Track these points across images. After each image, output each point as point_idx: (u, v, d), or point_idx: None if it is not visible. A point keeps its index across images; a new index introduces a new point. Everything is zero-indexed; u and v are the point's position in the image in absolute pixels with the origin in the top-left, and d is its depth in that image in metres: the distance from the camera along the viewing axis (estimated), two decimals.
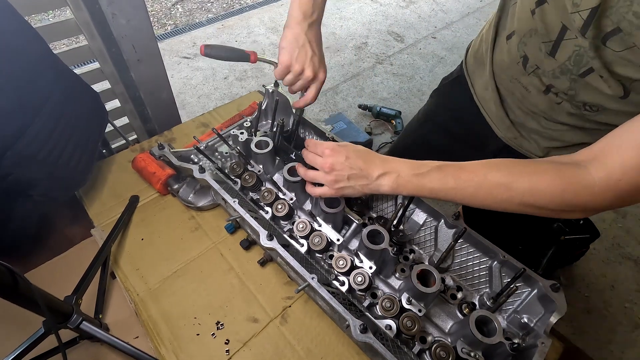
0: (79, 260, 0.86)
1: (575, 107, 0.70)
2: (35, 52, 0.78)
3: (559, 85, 0.68)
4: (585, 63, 0.61)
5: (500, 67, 0.80)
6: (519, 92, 0.78)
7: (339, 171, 0.71)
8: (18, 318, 0.78)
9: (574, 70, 0.63)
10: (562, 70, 0.66)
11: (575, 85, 0.65)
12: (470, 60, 0.96)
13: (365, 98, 2.77)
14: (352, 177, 0.71)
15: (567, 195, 0.57)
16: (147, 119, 1.36)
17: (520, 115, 0.82)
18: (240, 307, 0.81)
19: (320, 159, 0.74)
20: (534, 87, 0.74)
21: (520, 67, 0.74)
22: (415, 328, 0.66)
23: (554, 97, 0.71)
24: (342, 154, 0.71)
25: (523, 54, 0.72)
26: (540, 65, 0.69)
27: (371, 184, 0.71)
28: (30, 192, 0.83)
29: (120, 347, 0.73)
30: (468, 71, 0.96)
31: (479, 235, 0.76)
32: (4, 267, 0.55)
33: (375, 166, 0.71)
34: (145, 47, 1.15)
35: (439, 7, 3.78)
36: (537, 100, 0.75)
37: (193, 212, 0.97)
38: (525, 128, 0.84)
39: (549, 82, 0.70)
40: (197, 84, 2.74)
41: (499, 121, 0.88)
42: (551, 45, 0.64)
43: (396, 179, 0.69)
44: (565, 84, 0.67)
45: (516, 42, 0.72)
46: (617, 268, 1.96)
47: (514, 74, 0.76)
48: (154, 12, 3.47)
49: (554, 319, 0.66)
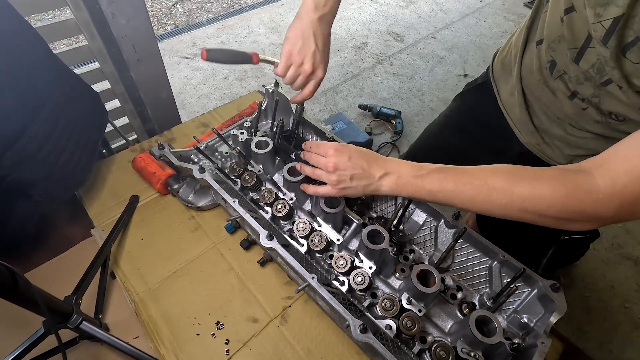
0: (79, 260, 0.86)
1: (601, 115, 0.69)
2: (35, 52, 0.78)
3: (583, 92, 0.68)
4: (606, 73, 0.60)
5: (529, 70, 0.80)
6: (546, 96, 0.77)
7: (342, 171, 0.71)
8: (18, 318, 0.78)
9: (597, 78, 0.63)
10: (586, 77, 0.65)
11: (599, 93, 0.65)
12: (497, 67, 0.96)
13: (365, 98, 2.77)
14: (355, 177, 0.71)
15: (570, 201, 0.55)
16: (147, 119, 1.36)
17: (545, 120, 0.82)
18: (240, 307, 0.81)
19: (324, 159, 0.74)
20: (561, 92, 0.73)
21: (547, 72, 0.74)
22: (415, 328, 0.66)
23: (580, 102, 0.70)
24: (346, 154, 0.72)
25: (551, 59, 0.72)
26: (566, 70, 0.69)
27: (372, 185, 0.72)
28: (30, 192, 0.83)
29: (120, 347, 0.73)
30: (494, 77, 0.96)
31: (479, 235, 0.76)
32: (4, 267, 0.55)
33: (377, 167, 0.71)
34: (145, 47, 1.15)
35: (439, 7, 3.78)
36: (564, 105, 0.74)
37: (193, 212, 0.97)
38: (549, 134, 0.83)
39: (574, 88, 0.69)
40: (197, 84, 2.74)
41: (523, 126, 0.88)
42: (576, 52, 0.64)
43: (396, 180, 0.70)
44: (590, 90, 0.66)
45: (545, 48, 0.72)
46: (617, 268, 1.96)
47: (542, 78, 0.76)
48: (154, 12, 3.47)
49: (554, 318, 0.66)
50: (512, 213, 0.61)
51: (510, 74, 0.88)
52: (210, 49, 0.78)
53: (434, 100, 2.77)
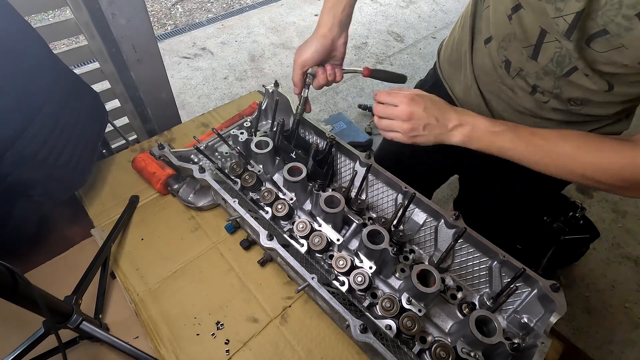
0: (78, 260, 0.86)
1: (561, 103, 0.71)
2: (35, 52, 0.78)
3: (543, 85, 0.70)
4: (567, 63, 0.63)
5: (483, 70, 0.81)
6: (505, 94, 0.79)
7: (417, 120, 0.72)
8: (18, 318, 0.78)
9: (557, 71, 0.65)
10: (545, 71, 0.67)
11: (560, 84, 0.67)
12: (444, 66, 0.96)
13: (366, 98, 2.77)
14: (428, 126, 0.73)
15: (625, 173, 0.61)
16: (147, 119, 1.36)
17: (507, 116, 0.83)
18: (240, 307, 0.81)
19: (398, 108, 0.74)
20: (520, 88, 0.75)
21: (503, 71, 0.75)
22: (415, 328, 0.66)
23: (541, 96, 0.72)
24: (421, 104, 0.73)
25: (504, 59, 0.73)
26: (523, 67, 0.71)
27: (444, 134, 0.73)
28: (30, 192, 0.83)
29: (120, 347, 0.73)
30: (444, 76, 0.96)
31: (479, 235, 0.76)
32: (4, 267, 0.55)
33: (451, 116, 0.73)
34: (145, 47, 1.15)
35: (438, 7, 3.78)
36: (524, 100, 0.76)
37: (193, 212, 0.97)
38: None
39: (534, 83, 0.71)
40: (197, 84, 2.74)
41: None
42: (532, 49, 0.66)
43: (470, 132, 0.72)
44: (550, 83, 0.68)
45: (495, 47, 0.73)
46: (617, 268, 1.96)
47: (498, 77, 0.77)
48: (153, 12, 3.47)
49: (554, 319, 0.66)
50: (573, 178, 0.68)
51: (461, 72, 0.88)
52: (371, 69, 0.90)
53: None
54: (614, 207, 2.23)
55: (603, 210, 2.21)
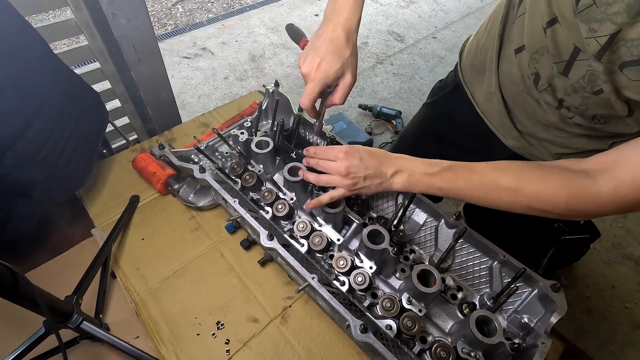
0: (79, 260, 0.86)
1: (586, 120, 0.70)
2: (35, 52, 0.78)
3: (570, 101, 0.68)
4: (597, 84, 0.61)
5: (510, 79, 0.78)
6: (530, 106, 0.77)
7: (355, 173, 0.72)
8: (18, 318, 0.78)
9: (588, 88, 0.63)
10: (574, 88, 0.65)
11: (588, 102, 0.65)
12: (466, 70, 0.94)
13: (366, 98, 2.77)
14: (368, 177, 0.73)
15: (573, 203, 0.60)
16: (147, 119, 1.36)
17: (529, 126, 0.81)
18: (241, 307, 0.81)
19: (335, 163, 0.74)
20: (546, 102, 0.73)
21: (531, 83, 0.73)
22: (416, 328, 0.66)
23: (566, 112, 0.71)
24: (356, 156, 0.73)
25: (535, 71, 0.71)
26: (552, 82, 0.69)
27: (385, 183, 0.73)
28: (30, 192, 0.83)
29: (120, 347, 0.73)
30: (465, 81, 0.94)
31: (480, 235, 0.76)
32: (5, 267, 0.55)
33: (388, 165, 0.73)
34: (145, 47, 1.15)
35: (439, 7, 3.78)
36: (548, 114, 0.74)
37: (193, 212, 0.97)
38: (536, 137, 0.83)
39: (561, 97, 0.69)
40: (197, 84, 2.74)
41: (506, 131, 0.87)
42: (564, 65, 0.64)
43: (408, 178, 0.72)
44: (577, 100, 0.66)
45: (527, 59, 0.71)
46: (618, 268, 1.96)
47: (525, 88, 0.75)
48: (154, 12, 3.47)
49: (555, 319, 0.66)
50: (519, 209, 0.66)
51: (484, 78, 0.86)
52: None
53: None
54: None
55: None
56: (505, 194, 0.65)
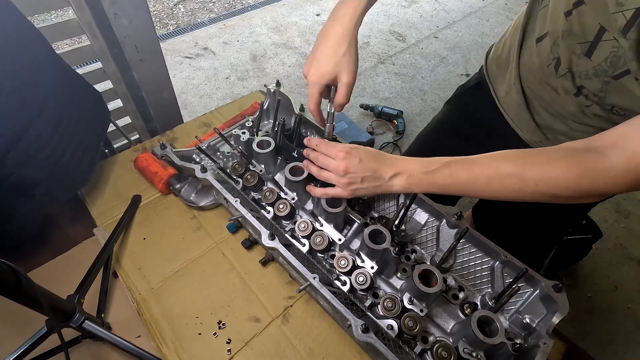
0: (81, 259, 0.87)
1: (604, 110, 0.68)
2: (37, 52, 0.78)
3: (590, 87, 0.67)
4: (622, 64, 0.60)
5: (529, 69, 0.78)
6: (548, 94, 0.76)
7: (353, 174, 0.72)
8: (21, 317, 0.78)
9: (609, 71, 0.62)
10: (596, 72, 0.64)
11: (607, 88, 0.64)
12: (491, 66, 0.94)
13: (367, 98, 2.77)
14: (366, 179, 0.72)
15: (583, 182, 0.57)
16: (149, 118, 1.36)
17: (547, 117, 0.81)
18: (242, 307, 0.81)
19: (334, 162, 0.74)
20: (564, 89, 0.72)
21: (551, 70, 0.73)
22: (417, 328, 0.66)
23: (584, 99, 0.70)
24: (356, 157, 0.72)
25: (556, 56, 0.70)
26: (573, 67, 0.68)
27: (383, 185, 0.72)
28: (32, 192, 0.83)
29: (122, 346, 0.73)
30: (489, 77, 0.95)
31: (481, 236, 0.76)
32: (7, 267, 0.56)
33: (387, 167, 0.72)
34: (147, 47, 1.15)
35: (440, 7, 3.77)
36: (566, 103, 0.74)
37: (195, 212, 0.98)
38: (552, 130, 0.82)
39: (580, 83, 0.68)
40: (199, 83, 2.75)
41: (524, 124, 0.87)
42: (588, 46, 0.63)
43: (407, 179, 0.71)
44: (597, 85, 0.65)
45: (549, 44, 0.71)
46: (620, 268, 1.96)
47: (544, 76, 0.75)
48: (156, 12, 3.48)
49: (557, 319, 0.65)
50: (526, 197, 0.63)
51: (507, 72, 0.86)
52: None
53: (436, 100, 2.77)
54: (617, 207, 2.22)
55: (606, 211, 2.20)
56: (509, 182, 0.63)
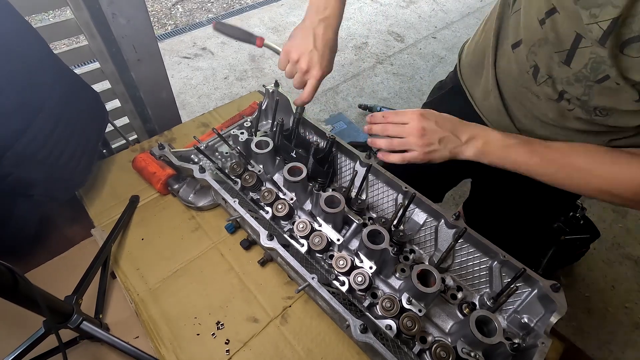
0: (79, 260, 0.86)
1: (586, 113, 0.69)
2: (35, 52, 0.78)
3: (572, 92, 0.67)
4: (602, 71, 0.60)
5: (508, 75, 0.78)
6: (529, 100, 0.77)
7: (431, 134, 0.72)
8: (18, 318, 0.78)
9: (591, 77, 0.62)
10: (577, 78, 0.65)
11: (590, 91, 0.65)
12: (465, 70, 0.94)
13: (366, 98, 2.77)
14: (443, 140, 0.72)
15: None
16: (147, 119, 1.36)
17: (527, 123, 0.81)
18: (241, 307, 0.81)
19: (409, 125, 0.74)
20: (545, 95, 0.72)
21: (530, 77, 0.73)
22: (416, 328, 0.66)
23: (566, 104, 0.70)
24: (432, 119, 0.73)
25: (533, 64, 0.70)
26: (552, 74, 0.68)
27: (458, 147, 0.73)
28: (30, 192, 0.83)
29: (120, 347, 0.73)
30: (464, 81, 0.95)
31: (479, 235, 0.76)
32: (5, 267, 0.55)
33: (464, 130, 0.73)
34: (145, 47, 1.15)
35: (439, 7, 3.78)
36: (547, 108, 0.74)
37: (193, 212, 0.97)
38: (534, 135, 0.82)
39: (562, 89, 0.69)
40: (197, 84, 2.74)
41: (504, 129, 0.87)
42: (565, 54, 0.63)
43: (483, 145, 0.71)
44: (580, 90, 0.66)
45: (525, 52, 0.71)
46: (618, 268, 1.96)
47: (524, 82, 0.75)
48: (154, 12, 3.47)
49: (554, 319, 0.66)
50: (587, 192, 0.66)
51: (482, 76, 0.86)
52: (220, 22, 0.86)
53: None
54: (615, 207, 2.23)
55: (603, 210, 2.21)
56: (578, 175, 0.65)
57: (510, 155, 0.70)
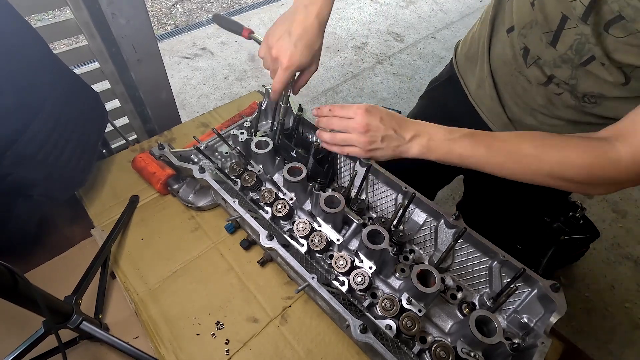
0: (79, 260, 0.86)
1: (575, 99, 0.70)
2: (35, 52, 0.78)
3: (560, 75, 0.68)
4: (586, 51, 0.61)
5: (503, 61, 0.79)
6: (520, 85, 0.77)
7: (374, 132, 0.71)
8: (18, 318, 0.78)
9: (576, 59, 0.63)
10: (563, 59, 0.65)
11: (577, 74, 0.65)
12: (461, 61, 0.95)
13: (365, 98, 2.77)
14: (386, 138, 0.71)
15: (595, 169, 0.59)
16: (147, 119, 1.36)
17: (517, 112, 0.82)
18: (240, 307, 0.81)
19: (353, 120, 0.73)
20: (535, 78, 0.73)
21: (521, 59, 0.73)
22: (415, 328, 0.66)
23: (555, 87, 0.71)
24: (377, 115, 0.71)
25: (523, 46, 0.71)
26: (541, 55, 0.69)
27: (402, 146, 0.72)
28: (30, 192, 0.83)
29: (120, 347, 0.73)
30: (460, 71, 0.96)
31: (479, 235, 0.76)
32: (4, 267, 0.55)
33: (408, 128, 0.71)
34: (145, 47, 1.15)
35: (438, 7, 3.78)
36: (537, 93, 0.75)
37: (193, 212, 0.97)
38: (522, 124, 0.84)
39: (551, 72, 0.69)
40: (197, 84, 2.74)
41: (496, 118, 0.88)
42: (552, 35, 0.64)
43: (427, 142, 0.70)
44: (567, 72, 0.66)
45: (517, 35, 0.72)
46: (617, 268, 1.97)
47: (517, 66, 0.76)
48: (154, 12, 3.47)
49: (554, 319, 0.66)
50: (539, 178, 0.65)
51: (477, 66, 0.87)
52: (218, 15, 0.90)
53: None
54: (614, 207, 2.23)
55: (603, 210, 2.21)
56: (526, 161, 0.64)
57: (455, 148, 0.68)
